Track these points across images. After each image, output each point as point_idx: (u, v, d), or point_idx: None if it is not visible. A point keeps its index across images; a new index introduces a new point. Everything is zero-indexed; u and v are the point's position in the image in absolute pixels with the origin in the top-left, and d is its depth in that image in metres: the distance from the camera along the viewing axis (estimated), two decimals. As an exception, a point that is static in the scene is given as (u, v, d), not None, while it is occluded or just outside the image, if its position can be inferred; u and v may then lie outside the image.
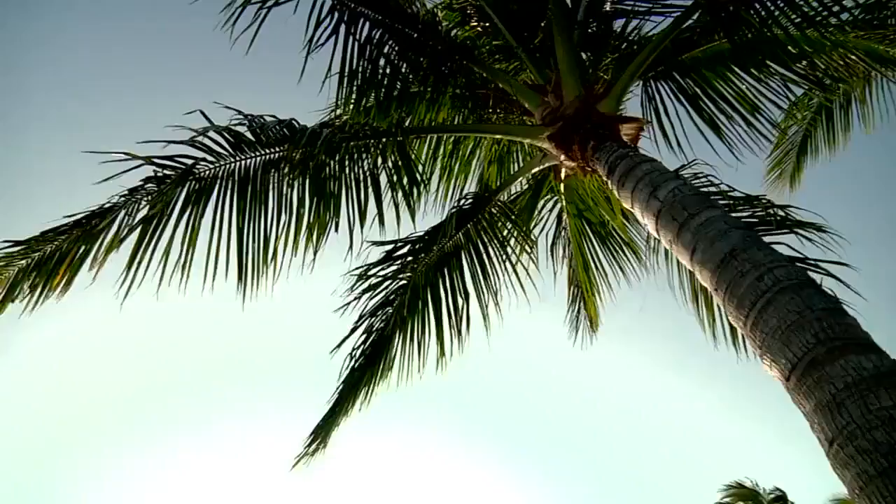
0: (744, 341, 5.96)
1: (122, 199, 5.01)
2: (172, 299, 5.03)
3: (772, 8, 5.22)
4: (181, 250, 5.13)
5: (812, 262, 4.91)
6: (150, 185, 5.08)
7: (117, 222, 5.00)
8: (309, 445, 6.19)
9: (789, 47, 5.76)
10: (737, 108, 6.39)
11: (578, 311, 8.08)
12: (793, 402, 3.04)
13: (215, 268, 5.20)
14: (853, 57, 6.13)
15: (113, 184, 4.96)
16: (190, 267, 5.13)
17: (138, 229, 4.97)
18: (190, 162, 5.21)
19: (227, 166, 5.39)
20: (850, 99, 7.74)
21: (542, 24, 6.47)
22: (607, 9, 6.67)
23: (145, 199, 5.06)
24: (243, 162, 5.43)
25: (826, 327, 2.99)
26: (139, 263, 4.95)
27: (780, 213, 5.43)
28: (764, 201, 5.66)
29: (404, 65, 6.09)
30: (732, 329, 6.08)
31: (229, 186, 5.37)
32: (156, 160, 5.07)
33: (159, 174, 5.11)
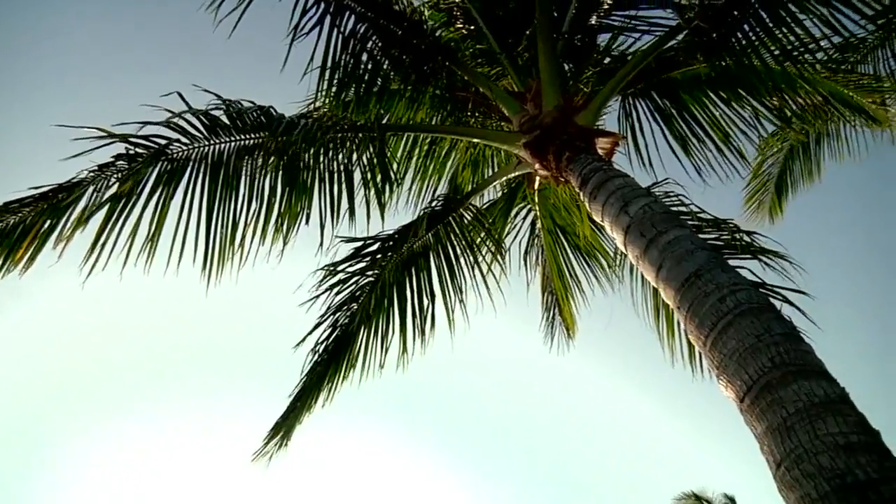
0: (701, 359, 6.07)
1: (92, 174, 4.94)
2: (136, 281, 4.98)
3: (753, 38, 5.31)
4: (149, 231, 5.08)
5: (773, 288, 5.02)
6: (121, 162, 5.02)
7: (85, 198, 4.92)
8: (269, 441, 6.16)
9: (764, 79, 5.86)
10: (709, 132, 6.51)
11: (553, 318, 8.15)
12: (745, 424, 3.11)
13: (182, 251, 5.16)
14: (820, 98, 6.28)
15: (84, 160, 4.90)
16: (156, 248, 5.09)
17: (106, 206, 4.91)
18: (163, 142, 5.16)
19: (201, 149, 5.35)
20: (823, 133, 7.91)
21: (527, 32, 6.51)
22: (593, 22, 6.73)
23: (115, 176, 5.00)
24: (218, 146, 5.39)
25: (782, 352, 3.06)
26: (105, 242, 4.88)
27: (746, 238, 5.55)
28: (731, 225, 5.77)
29: (386, 61, 6.09)
30: (691, 346, 6.18)
31: (202, 169, 5.33)
32: (129, 138, 5.01)
33: (131, 152, 5.05)
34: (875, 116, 6.56)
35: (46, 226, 4.81)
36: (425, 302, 6.31)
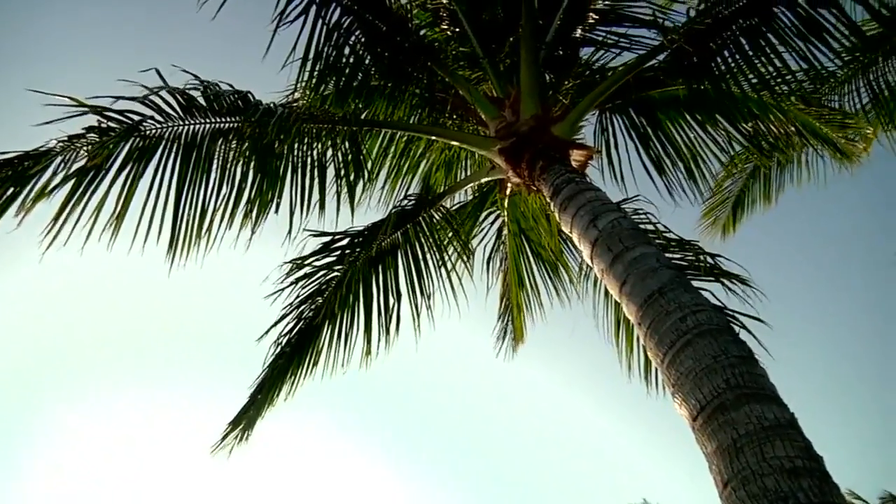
0: (657, 376, 6.15)
1: (61, 144, 4.85)
2: (98, 258, 4.90)
3: (732, 64, 5.40)
4: (115, 208, 5.01)
5: (733, 312, 5.11)
6: (92, 135, 4.94)
7: (52, 168, 4.83)
8: (229, 433, 6.11)
9: (741, 106, 5.96)
10: (682, 153, 6.59)
11: (506, 325, 8.17)
12: (696, 442, 3.16)
13: (148, 231, 5.10)
14: (793, 127, 6.41)
15: (53, 128, 4.82)
16: (121, 226, 5.02)
17: (73, 179, 4.83)
18: (137, 118, 5.10)
19: (175, 129, 5.29)
20: (788, 159, 8.06)
21: (511, 39, 6.53)
22: (577, 35, 6.78)
23: (85, 148, 4.91)
24: (192, 127, 5.34)
25: (737, 375, 3.12)
26: (69, 215, 4.80)
27: (710, 260, 5.64)
28: (696, 247, 5.87)
29: (369, 57, 6.07)
30: (648, 362, 6.27)
31: (174, 149, 5.27)
32: (102, 111, 4.94)
33: (103, 126, 4.98)
34: (843, 150, 6.70)
35: (9, 193, 4.69)
36: (391, 301, 6.31)
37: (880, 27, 5.31)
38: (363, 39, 5.98)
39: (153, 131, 5.22)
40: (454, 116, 6.91)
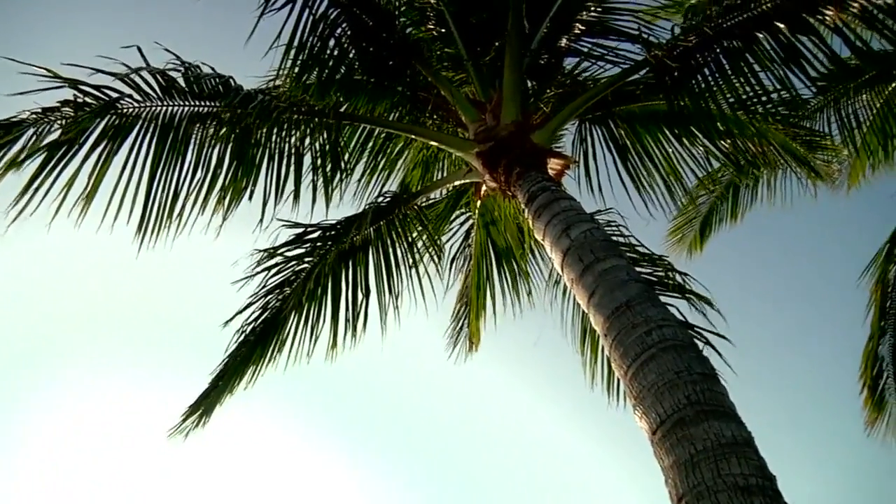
0: (619, 387, 6.21)
1: (34, 116, 4.79)
2: (65, 234, 4.83)
3: (713, 83, 5.47)
4: (87, 184, 4.95)
5: (698, 329, 5.18)
6: (67, 108, 4.88)
7: (23, 140, 4.77)
8: (187, 418, 6.05)
9: (719, 124, 6.04)
10: (660, 168, 6.65)
11: (460, 328, 8.17)
12: (654, 455, 3.20)
13: (119, 210, 5.05)
14: (770, 147, 6.50)
15: (27, 100, 4.75)
16: (91, 203, 4.96)
17: (45, 152, 4.76)
18: (115, 96, 5.05)
19: (153, 109, 5.25)
20: (757, 181, 8.18)
21: (497, 44, 6.54)
22: (562, 44, 6.82)
23: (59, 122, 4.85)
24: (170, 108, 5.30)
25: (698, 391, 3.17)
26: (38, 189, 4.73)
27: (679, 278, 5.71)
28: (665, 263, 5.93)
29: (354, 51, 6.04)
30: (611, 374, 6.32)
31: (150, 130, 5.23)
32: (79, 85, 4.88)
33: (80, 100, 4.91)
34: (818, 171, 6.83)
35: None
36: (359, 296, 6.28)
37: (855, 59, 5.43)
38: (349, 33, 5.95)
39: (130, 110, 5.17)
40: (434, 116, 6.91)
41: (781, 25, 5.02)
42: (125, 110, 5.14)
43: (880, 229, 7.57)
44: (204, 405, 6.11)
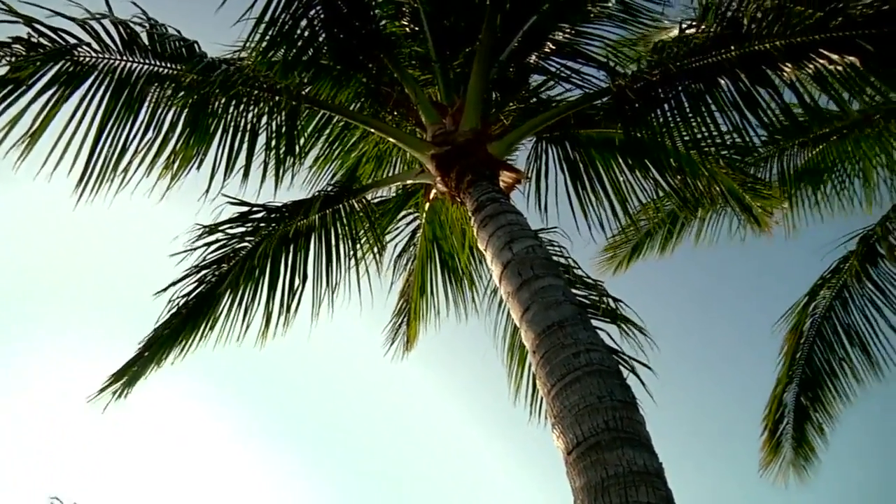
0: (541, 405, 6.29)
1: (-21, 47, 4.61)
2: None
3: (671, 119, 5.59)
4: (30, 127, 4.79)
5: (624, 356, 5.28)
6: (18, 45, 4.71)
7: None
8: (109, 386, 5.89)
9: (672, 160, 6.18)
10: (609, 194, 6.75)
11: (399, 327, 8.17)
12: (566, 475, 3.26)
13: (61, 158, 4.91)
14: (717, 188, 6.69)
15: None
16: (33, 147, 4.81)
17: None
18: (73, 41, 4.91)
19: (111, 62, 5.12)
20: (697, 216, 8.38)
21: (467, 50, 6.57)
22: (531, 60, 6.89)
23: (8, 59, 4.68)
24: (129, 64, 5.17)
25: (617, 418, 3.24)
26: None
27: (612, 304, 5.82)
28: (601, 288, 6.04)
29: (324, 35, 5.99)
30: (534, 390, 6.39)
31: (105, 83, 5.09)
32: (35, 24, 4.72)
33: (34, 40, 4.76)
34: (758, 218, 7.05)
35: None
36: (297, 282, 6.22)
37: (805, 116, 5.64)
38: (322, 16, 5.91)
39: (87, 59, 5.04)
40: (395, 113, 6.90)
41: (742, 74, 5.18)
42: (81, 58, 5.00)
43: (805, 279, 7.84)
44: (128, 375, 5.95)
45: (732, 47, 5.16)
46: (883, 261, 7.30)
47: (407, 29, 6.89)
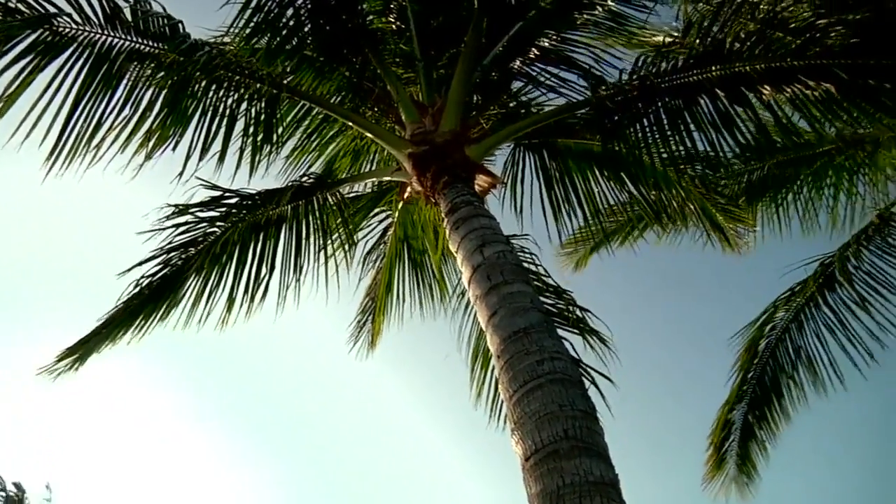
0: (501, 409, 6.30)
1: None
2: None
3: (649, 135, 5.65)
4: (2, 94, 4.71)
5: (587, 367, 5.32)
6: (-7, 9, 4.64)
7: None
8: (62, 360, 5.78)
9: (648, 175, 6.24)
10: (583, 205, 6.80)
11: (364, 324, 8.15)
12: (523, 481, 3.27)
13: (32, 128, 4.83)
14: (690, 206, 6.77)
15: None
16: (4, 114, 4.73)
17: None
18: (52, 10, 4.84)
19: (92, 35, 5.06)
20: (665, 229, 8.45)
21: (451, 52, 6.58)
22: (514, 66, 6.90)
23: (-17, 20, 4.60)
24: (110, 39, 5.12)
25: (577, 427, 3.27)
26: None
27: (578, 313, 5.86)
28: (568, 297, 6.07)
29: (310, 25, 5.97)
30: (496, 394, 6.40)
31: (84, 56, 5.03)
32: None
33: (11, 4, 4.68)
34: (730, 240, 7.15)
35: None
36: (263, 271, 6.18)
37: (780, 136, 5.75)
38: (309, 6, 5.88)
39: (67, 30, 4.98)
40: (375, 109, 6.88)
41: (722, 93, 5.26)
42: (61, 29, 4.93)
43: (766, 295, 7.94)
44: (82, 350, 5.86)
45: (714, 67, 5.24)
46: (840, 287, 7.44)
47: (393, 26, 6.87)
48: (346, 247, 6.90)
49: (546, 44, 6.86)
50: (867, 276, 7.27)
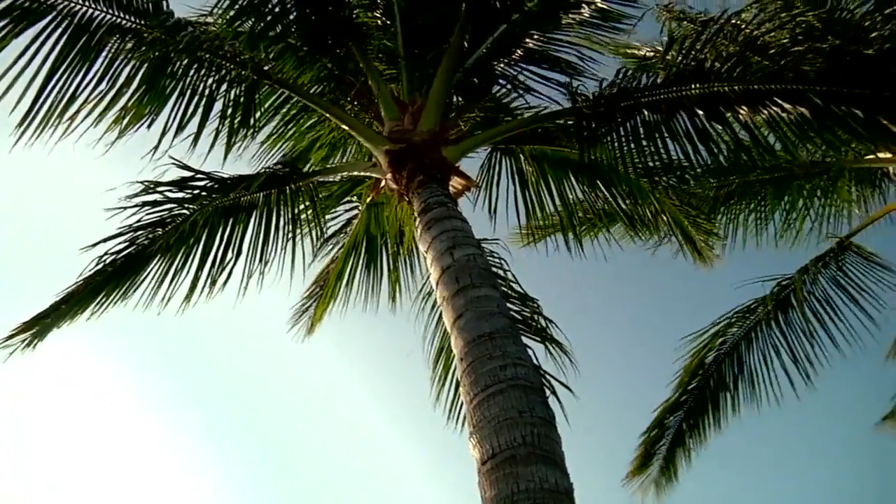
0: (460, 411, 6.31)
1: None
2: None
3: (625, 145, 5.71)
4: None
5: (548, 376, 5.35)
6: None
7: None
8: (17, 334, 5.62)
9: (623, 185, 6.31)
10: (557, 208, 6.85)
11: (306, 309, 8.11)
12: (477, 485, 3.28)
13: (1, 97, 4.75)
14: (664, 217, 6.87)
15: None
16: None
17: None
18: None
19: (71, 6, 5.00)
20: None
21: (435, 51, 6.57)
22: (497, 70, 6.93)
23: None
24: (90, 11, 5.04)
25: (535, 434, 3.28)
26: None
27: (543, 322, 5.89)
28: (534, 305, 6.09)
29: (295, 13, 5.93)
30: (456, 396, 6.42)
31: (63, 26, 4.97)
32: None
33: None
34: (701, 251, 7.26)
35: None
36: (229, 255, 6.12)
37: (756, 155, 5.86)
38: (296, -5, 5.84)
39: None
40: (355, 103, 6.84)
41: (700, 111, 5.34)
42: (40, -2, 4.85)
43: (721, 306, 8.04)
44: (39, 325, 5.72)
45: (694, 85, 5.31)
46: (793, 310, 7.59)
47: (379, 21, 6.85)
48: (314, 238, 6.86)
49: (530, 44, 6.89)
50: (818, 302, 7.56)
